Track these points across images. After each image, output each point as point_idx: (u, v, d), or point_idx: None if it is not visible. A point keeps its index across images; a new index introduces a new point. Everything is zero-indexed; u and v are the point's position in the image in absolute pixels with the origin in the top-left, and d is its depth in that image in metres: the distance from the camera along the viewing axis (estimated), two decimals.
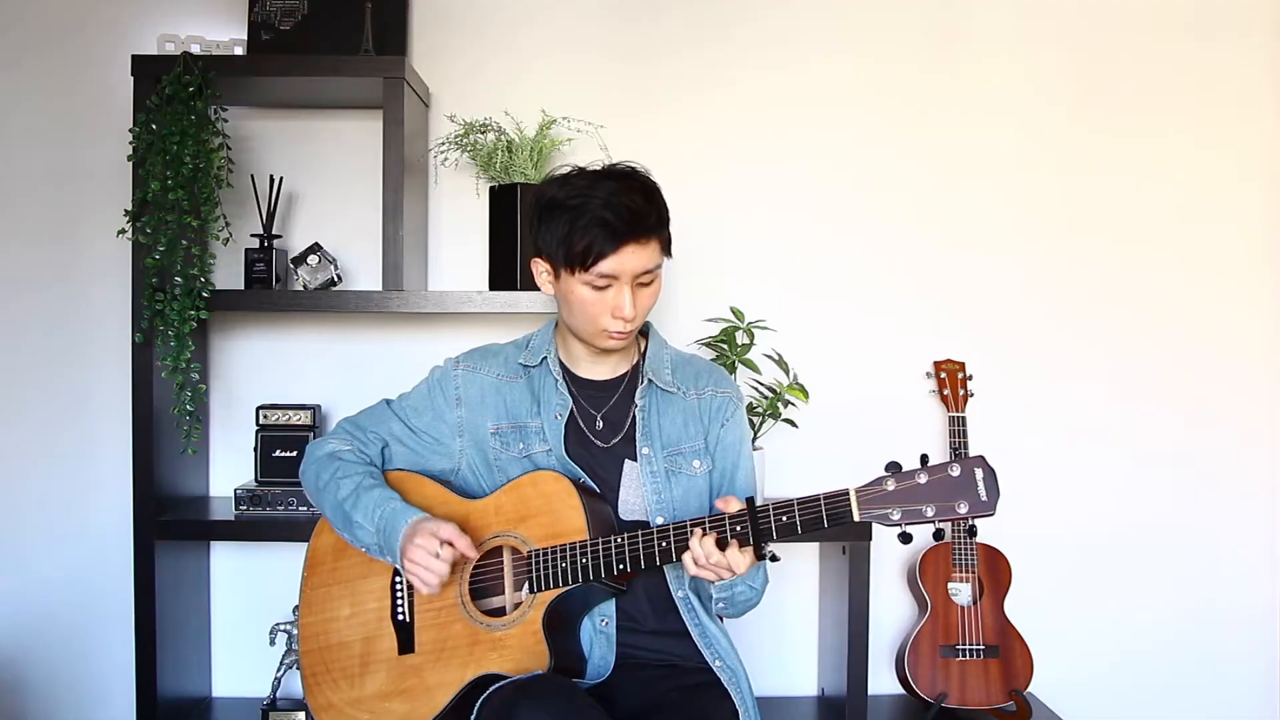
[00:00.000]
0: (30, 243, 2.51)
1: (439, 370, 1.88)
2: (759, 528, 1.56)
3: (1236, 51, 2.59)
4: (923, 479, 1.50)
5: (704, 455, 1.80)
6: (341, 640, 1.79)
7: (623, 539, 1.63)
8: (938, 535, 2.37)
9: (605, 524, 1.70)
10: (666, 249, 1.72)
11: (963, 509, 1.49)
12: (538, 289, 2.25)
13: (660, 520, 1.74)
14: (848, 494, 1.53)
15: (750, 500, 1.58)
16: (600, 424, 1.80)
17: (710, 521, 1.59)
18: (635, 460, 1.77)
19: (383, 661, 1.75)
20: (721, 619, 1.85)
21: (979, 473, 1.49)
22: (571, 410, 1.79)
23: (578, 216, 1.64)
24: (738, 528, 1.57)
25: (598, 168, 1.73)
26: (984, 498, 1.48)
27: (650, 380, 1.80)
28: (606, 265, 1.65)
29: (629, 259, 1.65)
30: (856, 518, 1.52)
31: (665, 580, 1.79)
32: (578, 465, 1.76)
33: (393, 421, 1.85)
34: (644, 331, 1.89)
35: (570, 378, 1.82)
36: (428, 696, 1.70)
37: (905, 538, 1.52)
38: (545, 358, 1.83)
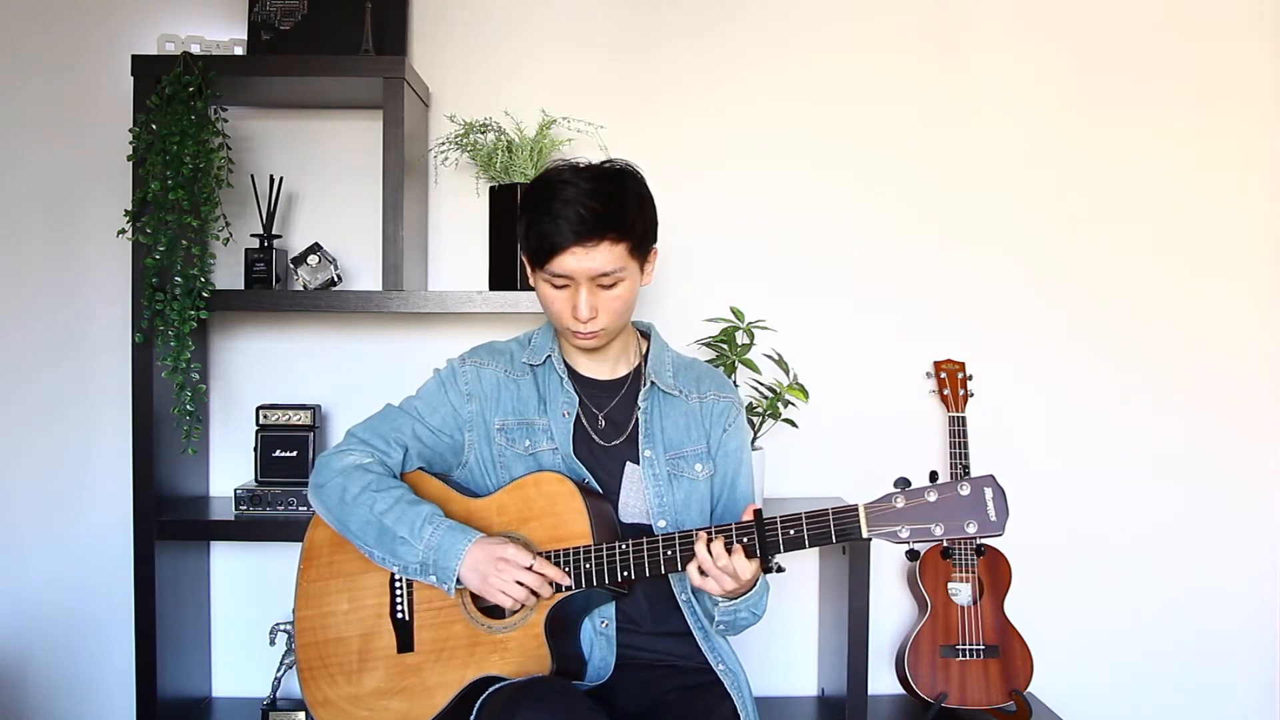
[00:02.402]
0: (30, 242, 2.51)
1: (445, 369, 1.86)
2: (766, 540, 1.56)
3: (1240, 48, 2.58)
4: (932, 497, 1.50)
5: (706, 459, 1.80)
6: (339, 635, 1.78)
7: (627, 545, 1.63)
8: (945, 554, 2.38)
9: (609, 527, 1.70)
10: (636, 251, 1.69)
11: (971, 529, 1.49)
12: None
13: (662, 524, 1.74)
14: (857, 510, 1.53)
15: (758, 512, 1.58)
16: (602, 423, 1.80)
17: (716, 530, 1.59)
18: (637, 462, 1.77)
19: (381, 659, 1.75)
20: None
21: (989, 492, 1.49)
22: (578, 409, 1.80)
23: (538, 214, 1.66)
24: (744, 539, 1.57)
25: (584, 164, 1.73)
26: (993, 518, 1.49)
27: (653, 382, 1.80)
28: (555, 265, 1.66)
29: (576, 261, 1.65)
30: (865, 534, 1.52)
31: (665, 582, 1.78)
32: (582, 465, 1.76)
33: (410, 423, 1.81)
34: (646, 333, 1.89)
35: (574, 376, 1.82)
36: (427, 696, 1.70)
37: (913, 554, 1.53)
38: (549, 356, 1.83)
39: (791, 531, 1.56)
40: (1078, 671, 2.61)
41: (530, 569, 1.62)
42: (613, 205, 1.65)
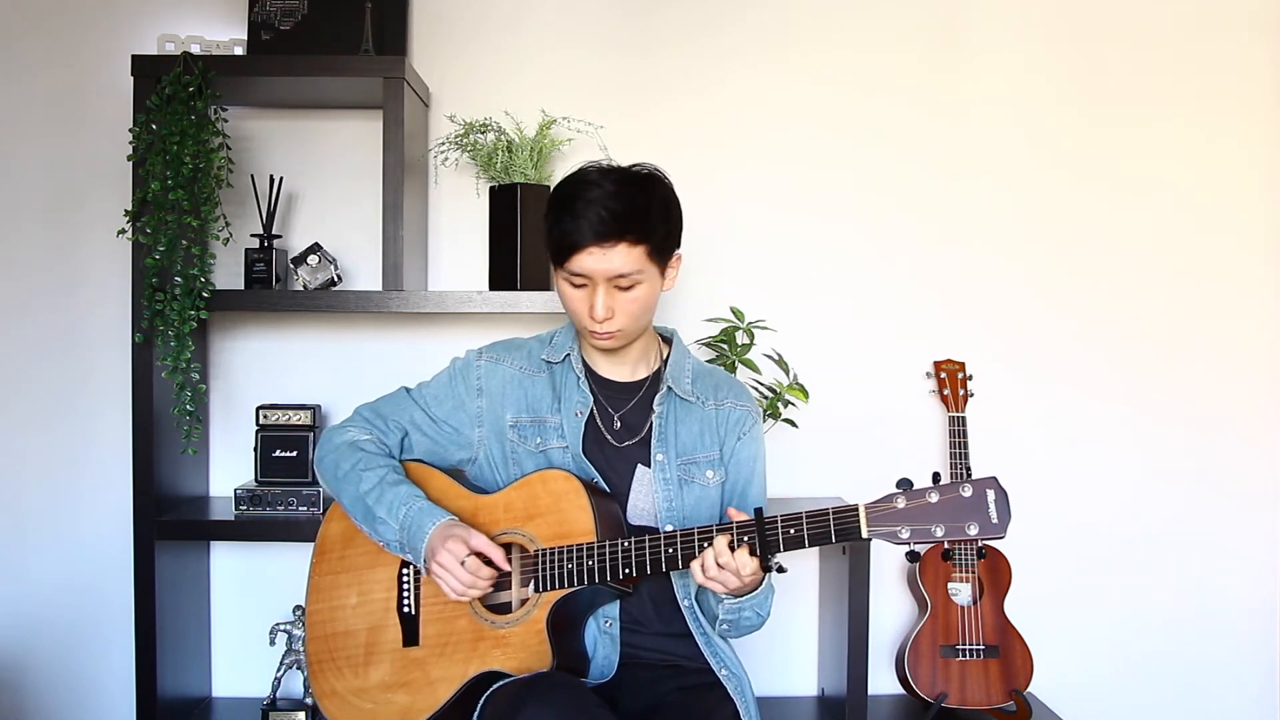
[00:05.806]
0: (30, 242, 2.51)
1: (460, 360, 1.88)
2: (766, 539, 1.56)
3: (1240, 48, 2.59)
4: (934, 498, 1.50)
5: (718, 466, 1.80)
6: (347, 629, 1.79)
7: (630, 543, 1.63)
8: (946, 555, 2.38)
9: (614, 525, 1.70)
10: (657, 255, 1.70)
11: (973, 530, 1.49)
12: (537, 289, 2.28)
13: (669, 528, 1.74)
14: (857, 510, 1.53)
15: (759, 511, 1.58)
16: (618, 424, 1.80)
17: (717, 529, 1.59)
18: (648, 465, 1.77)
19: (387, 652, 1.75)
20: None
21: (991, 494, 1.49)
22: (591, 409, 1.80)
23: (561, 213, 1.67)
24: (745, 538, 1.57)
25: (613, 165, 1.73)
26: (995, 520, 1.48)
27: (670, 388, 1.81)
28: (574, 264, 1.66)
29: (594, 261, 1.65)
30: (865, 534, 1.52)
31: (669, 583, 1.79)
32: (592, 465, 1.76)
33: (414, 410, 1.85)
34: (668, 339, 1.89)
35: (592, 376, 1.83)
36: (430, 690, 1.70)
37: (913, 555, 1.52)
38: (568, 355, 1.83)
39: (791, 531, 1.56)
40: (1078, 671, 2.61)
41: (472, 552, 1.63)
42: (634, 208, 1.66)
